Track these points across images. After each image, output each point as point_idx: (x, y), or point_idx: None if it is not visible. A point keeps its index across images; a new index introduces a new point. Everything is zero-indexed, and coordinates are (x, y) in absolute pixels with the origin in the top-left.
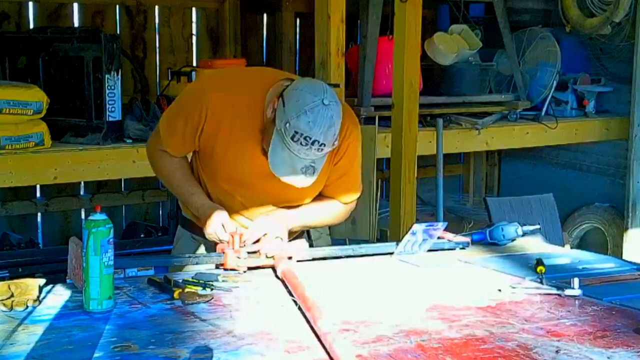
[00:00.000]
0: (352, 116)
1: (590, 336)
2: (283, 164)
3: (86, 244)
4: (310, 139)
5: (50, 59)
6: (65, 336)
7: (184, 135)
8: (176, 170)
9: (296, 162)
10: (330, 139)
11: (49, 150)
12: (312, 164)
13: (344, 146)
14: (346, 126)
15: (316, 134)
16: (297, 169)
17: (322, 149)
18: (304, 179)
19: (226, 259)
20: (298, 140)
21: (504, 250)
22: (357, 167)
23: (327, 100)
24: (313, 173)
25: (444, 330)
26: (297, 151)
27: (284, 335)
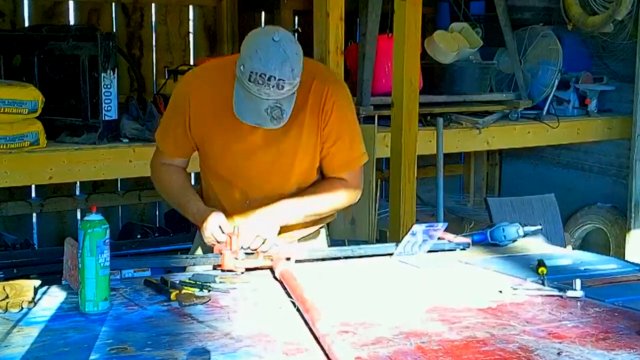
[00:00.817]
0: (333, 76)
1: (592, 338)
2: (247, 109)
3: (82, 244)
4: (265, 76)
5: (45, 58)
6: (61, 338)
7: (175, 132)
8: (174, 182)
9: (259, 104)
10: (288, 73)
11: (44, 150)
12: (278, 105)
13: (328, 105)
14: (327, 86)
15: (270, 69)
16: (262, 110)
17: (282, 86)
18: (271, 121)
19: (224, 260)
20: (255, 80)
21: (505, 251)
22: (352, 130)
23: (277, 37)
24: (281, 114)
25: (444, 332)
26: (258, 92)
27: (282, 337)
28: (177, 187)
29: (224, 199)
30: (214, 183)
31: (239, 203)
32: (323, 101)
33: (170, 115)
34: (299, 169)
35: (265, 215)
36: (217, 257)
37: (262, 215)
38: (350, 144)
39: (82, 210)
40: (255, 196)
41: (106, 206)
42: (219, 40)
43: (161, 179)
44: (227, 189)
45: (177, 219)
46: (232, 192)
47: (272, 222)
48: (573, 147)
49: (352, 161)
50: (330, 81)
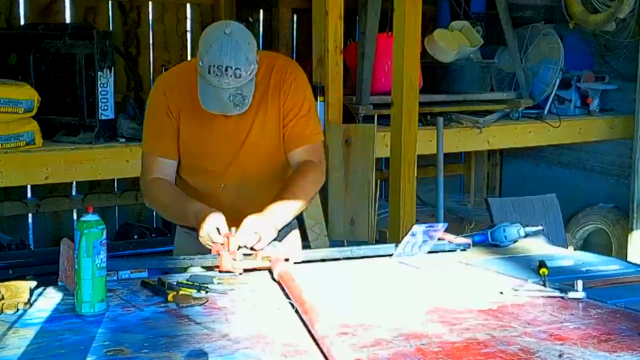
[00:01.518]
0: (293, 62)
1: (594, 340)
2: (211, 99)
3: (78, 245)
4: (222, 67)
5: (41, 56)
6: (57, 340)
7: (166, 130)
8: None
9: (221, 94)
10: (243, 62)
11: (40, 150)
12: (239, 92)
13: (287, 83)
14: (286, 68)
15: (225, 60)
16: (224, 99)
17: (240, 74)
18: (234, 107)
19: (221, 260)
20: (213, 72)
21: (506, 252)
22: (309, 108)
23: (228, 30)
24: (243, 100)
25: (444, 334)
26: (218, 82)
27: (280, 338)
28: (174, 195)
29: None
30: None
31: (215, 189)
32: (283, 80)
33: (154, 118)
34: (265, 148)
35: (262, 216)
36: (214, 258)
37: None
38: (309, 119)
39: (78, 210)
40: (229, 181)
41: (103, 206)
42: None
43: (156, 195)
44: (201, 182)
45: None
46: (206, 182)
47: (269, 222)
48: (575, 147)
49: (312, 135)
50: (289, 63)
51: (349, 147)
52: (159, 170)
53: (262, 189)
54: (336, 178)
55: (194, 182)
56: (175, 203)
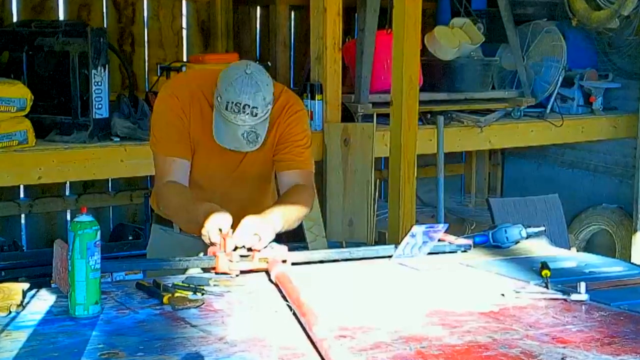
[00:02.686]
0: (293, 93)
1: (597, 343)
2: (226, 135)
3: (72, 246)
4: (240, 104)
5: (34, 54)
6: (50, 343)
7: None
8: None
9: (236, 130)
10: (260, 102)
11: (33, 149)
12: (253, 130)
13: (287, 114)
14: (289, 100)
15: (244, 98)
16: (239, 135)
17: (256, 113)
18: (247, 144)
19: (218, 262)
20: (231, 109)
21: (508, 253)
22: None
23: (249, 70)
24: (256, 138)
25: (444, 337)
26: (234, 119)
27: (278, 342)
28: (187, 198)
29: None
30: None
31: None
32: (283, 110)
33: (167, 120)
34: (256, 174)
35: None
36: (211, 259)
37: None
38: (304, 150)
39: (72, 211)
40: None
41: (97, 207)
42: (213, 36)
43: (170, 198)
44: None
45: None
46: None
47: (268, 223)
48: (577, 146)
49: (304, 162)
50: (293, 98)
51: (347, 147)
52: (174, 173)
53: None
54: (335, 178)
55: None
56: (187, 205)
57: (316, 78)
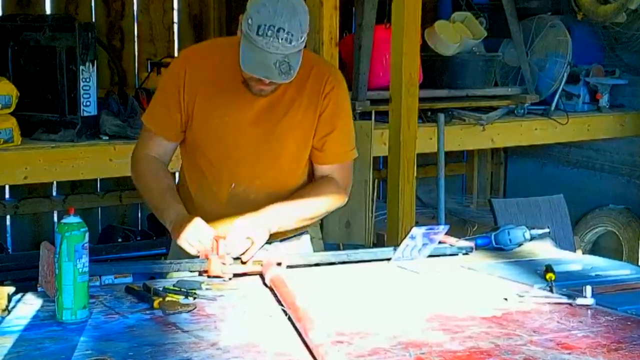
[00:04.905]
0: (333, 66)
1: (603, 349)
2: (256, 62)
3: (59, 249)
4: (274, 27)
5: (20, 49)
6: (36, 349)
7: (169, 104)
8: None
9: (268, 58)
10: (296, 27)
11: (18, 148)
12: (286, 59)
13: (327, 90)
14: (327, 73)
15: (279, 21)
16: (270, 64)
17: (291, 40)
18: (279, 75)
19: (210, 265)
20: (264, 33)
21: (511, 256)
22: (348, 121)
23: None
24: (289, 69)
25: (445, 342)
26: (266, 45)
27: (272, 347)
28: (159, 187)
29: (207, 188)
30: (196, 172)
31: (224, 187)
32: (323, 86)
33: (163, 89)
34: (288, 154)
35: (255, 218)
36: (203, 262)
37: (251, 218)
38: (345, 135)
39: (59, 212)
40: (241, 181)
41: (85, 208)
42: (205, 31)
43: (144, 174)
44: (211, 175)
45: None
46: (217, 177)
47: (262, 225)
48: (583, 145)
49: (344, 153)
50: (330, 69)
51: None
52: (154, 149)
53: (272, 202)
54: None
55: (202, 173)
56: (157, 198)
57: None
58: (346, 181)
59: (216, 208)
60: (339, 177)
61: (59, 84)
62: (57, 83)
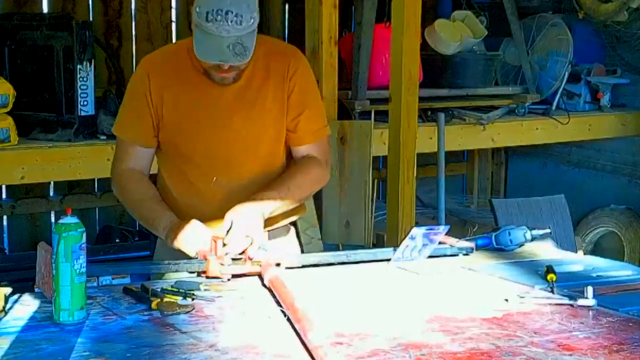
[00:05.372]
0: (293, 47)
1: (605, 350)
2: (210, 49)
3: (56, 249)
4: (222, 11)
5: (17, 48)
6: (34, 350)
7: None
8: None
9: (221, 42)
10: (244, 7)
11: (15, 148)
12: (239, 41)
13: (291, 72)
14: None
15: (226, 4)
16: (224, 47)
17: (241, 22)
18: (234, 57)
19: (208, 265)
20: (213, 18)
21: (512, 257)
22: (317, 99)
23: None
24: (244, 50)
25: (445, 344)
26: (217, 30)
27: (271, 349)
28: (145, 198)
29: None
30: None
31: (207, 182)
32: (287, 70)
33: (131, 101)
34: (264, 140)
35: (248, 212)
36: (201, 263)
37: (242, 210)
38: (316, 113)
39: (56, 212)
40: (222, 173)
41: (82, 208)
42: None
43: (126, 189)
44: (192, 173)
45: None
46: (198, 173)
47: (257, 219)
48: (584, 145)
49: (318, 131)
50: (290, 50)
51: (344, 145)
52: (132, 160)
53: (257, 188)
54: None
55: (183, 174)
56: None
57: None
58: (325, 156)
59: (202, 204)
60: (318, 154)
61: (56, 83)
62: (55, 82)
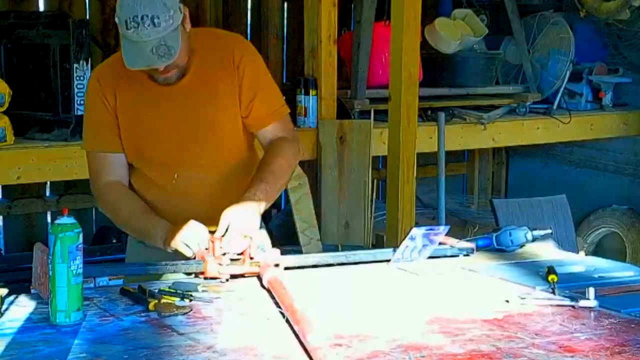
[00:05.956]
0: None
1: (607, 352)
2: (134, 56)
3: (52, 250)
4: (138, 17)
5: (13, 47)
6: (30, 352)
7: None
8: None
9: (143, 47)
10: (160, 7)
11: (11, 147)
12: (162, 42)
13: (237, 59)
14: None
15: (140, 9)
16: (147, 52)
17: (159, 23)
18: (159, 59)
19: (206, 266)
20: (131, 26)
21: (512, 257)
22: (268, 80)
23: None
24: (168, 50)
25: (445, 345)
26: (137, 36)
27: (270, 350)
28: (135, 209)
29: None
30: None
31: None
32: (232, 58)
33: (91, 111)
34: (221, 130)
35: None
36: (199, 264)
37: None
38: (270, 93)
39: (52, 212)
40: (183, 168)
41: (79, 208)
42: None
43: (112, 203)
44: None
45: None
46: (160, 173)
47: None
48: (586, 144)
49: (277, 111)
50: (232, 38)
51: (343, 145)
52: (110, 170)
53: (226, 181)
54: (330, 178)
55: (147, 177)
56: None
57: (310, 72)
58: (292, 132)
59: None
60: (283, 132)
61: (53, 82)
62: (51, 81)
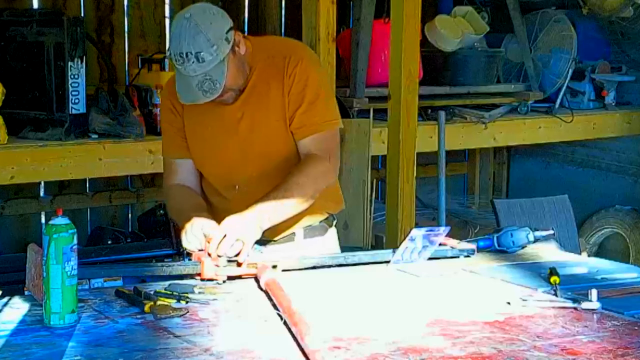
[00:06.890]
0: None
1: (610, 354)
2: (182, 89)
3: (47, 251)
4: (183, 53)
5: (6, 45)
6: (24, 354)
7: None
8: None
9: (190, 82)
10: (203, 44)
11: (5, 147)
12: (207, 77)
13: (290, 68)
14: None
15: (184, 46)
16: (193, 87)
17: (203, 59)
18: (204, 95)
19: (203, 268)
20: (178, 61)
21: (514, 259)
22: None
23: (188, 14)
24: (213, 85)
25: (446, 348)
26: (185, 71)
27: (267, 353)
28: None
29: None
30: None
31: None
32: (285, 68)
33: (164, 120)
34: (274, 142)
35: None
36: (196, 265)
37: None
38: (319, 105)
39: (47, 213)
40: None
41: (73, 209)
42: None
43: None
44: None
45: (152, 223)
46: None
47: (250, 223)
48: (588, 144)
49: (320, 123)
50: (290, 48)
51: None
52: (178, 175)
53: None
54: None
55: (210, 186)
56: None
57: None
58: (328, 152)
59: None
60: (318, 149)
61: (47, 80)
62: (45, 80)
